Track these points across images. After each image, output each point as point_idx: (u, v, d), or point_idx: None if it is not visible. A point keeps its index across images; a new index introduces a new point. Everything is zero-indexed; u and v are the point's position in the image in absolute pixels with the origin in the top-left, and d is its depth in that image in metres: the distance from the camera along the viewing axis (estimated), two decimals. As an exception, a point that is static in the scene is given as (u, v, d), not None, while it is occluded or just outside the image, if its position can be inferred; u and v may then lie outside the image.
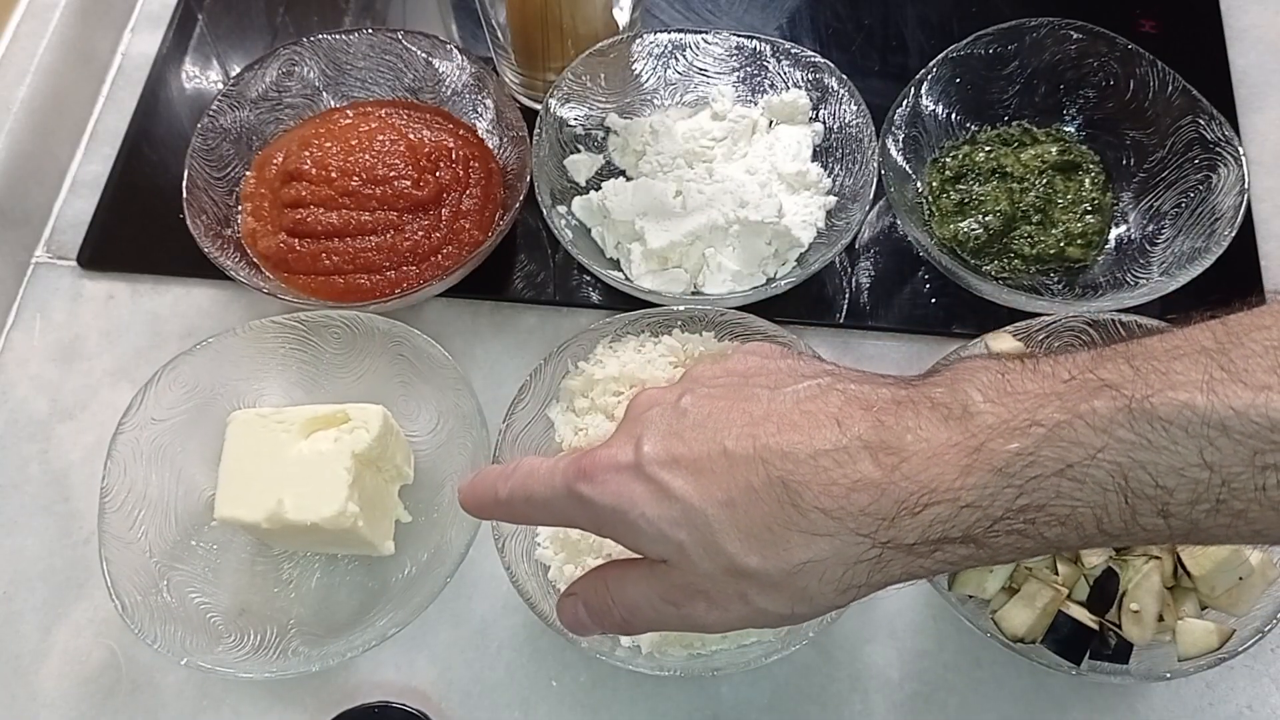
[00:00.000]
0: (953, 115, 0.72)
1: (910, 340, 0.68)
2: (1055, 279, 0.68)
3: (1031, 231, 0.68)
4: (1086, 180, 0.69)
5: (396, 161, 0.67)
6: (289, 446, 0.56)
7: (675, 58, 0.73)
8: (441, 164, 0.68)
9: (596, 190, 0.69)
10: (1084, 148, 0.71)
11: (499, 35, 0.71)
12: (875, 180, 0.65)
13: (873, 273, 0.70)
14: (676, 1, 0.81)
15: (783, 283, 0.63)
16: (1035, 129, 0.72)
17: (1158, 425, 0.32)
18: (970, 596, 0.54)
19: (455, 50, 0.71)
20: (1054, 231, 0.68)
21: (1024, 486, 0.33)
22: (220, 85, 0.78)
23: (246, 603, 0.59)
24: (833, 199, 0.69)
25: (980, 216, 0.68)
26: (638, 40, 0.72)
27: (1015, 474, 0.33)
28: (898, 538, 0.35)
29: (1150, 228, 0.68)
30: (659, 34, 0.72)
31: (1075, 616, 0.52)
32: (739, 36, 0.72)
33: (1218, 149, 0.65)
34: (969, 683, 0.58)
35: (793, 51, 0.70)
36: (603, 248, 0.69)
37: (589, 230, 0.70)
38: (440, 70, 0.72)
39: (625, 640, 0.55)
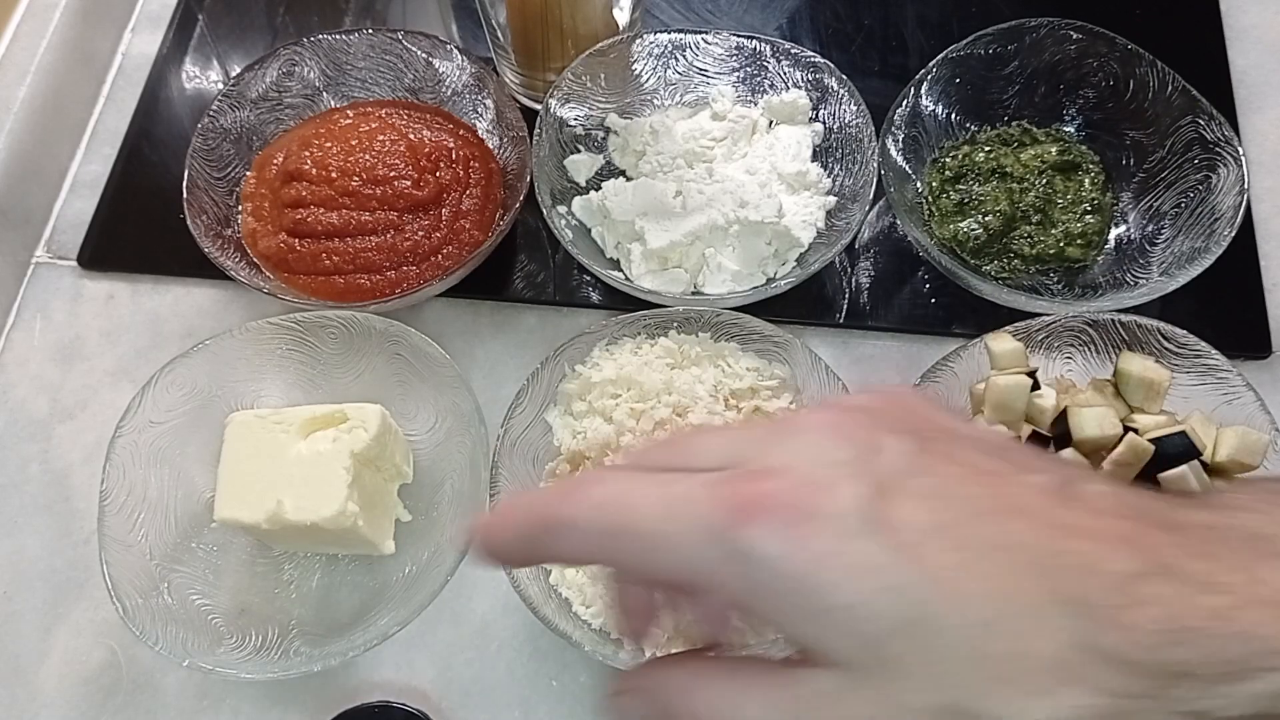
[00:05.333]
0: (953, 115, 0.72)
1: (910, 340, 0.68)
2: (1055, 279, 0.68)
3: (1031, 231, 0.68)
4: (1086, 180, 0.69)
5: (396, 161, 0.67)
6: (288, 447, 0.56)
7: (675, 58, 0.73)
8: (441, 164, 0.68)
9: (596, 190, 0.69)
10: (1084, 148, 0.71)
11: (499, 35, 0.71)
12: (875, 180, 0.65)
13: (872, 273, 0.70)
14: (676, 1, 0.81)
15: (783, 283, 0.63)
16: (1035, 129, 0.72)
17: None
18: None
19: (455, 50, 0.71)
20: (1054, 231, 0.68)
21: None
22: (220, 85, 0.78)
23: (247, 603, 0.59)
24: (832, 199, 0.69)
25: (980, 216, 0.68)
26: (638, 40, 0.72)
27: None
28: (1215, 710, 0.25)
29: (1150, 228, 0.68)
30: (659, 34, 0.72)
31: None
32: (739, 36, 0.72)
33: (1217, 149, 0.65)
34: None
35: (793, 51, 0.70)
36: (603, 248, 0.69)
37: (589, 230, 0.70)
38: (440, 70, 0.72)
39: (628, 644, 0.55)
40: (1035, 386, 0.55)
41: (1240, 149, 0.64)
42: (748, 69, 0.72)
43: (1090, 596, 0.25)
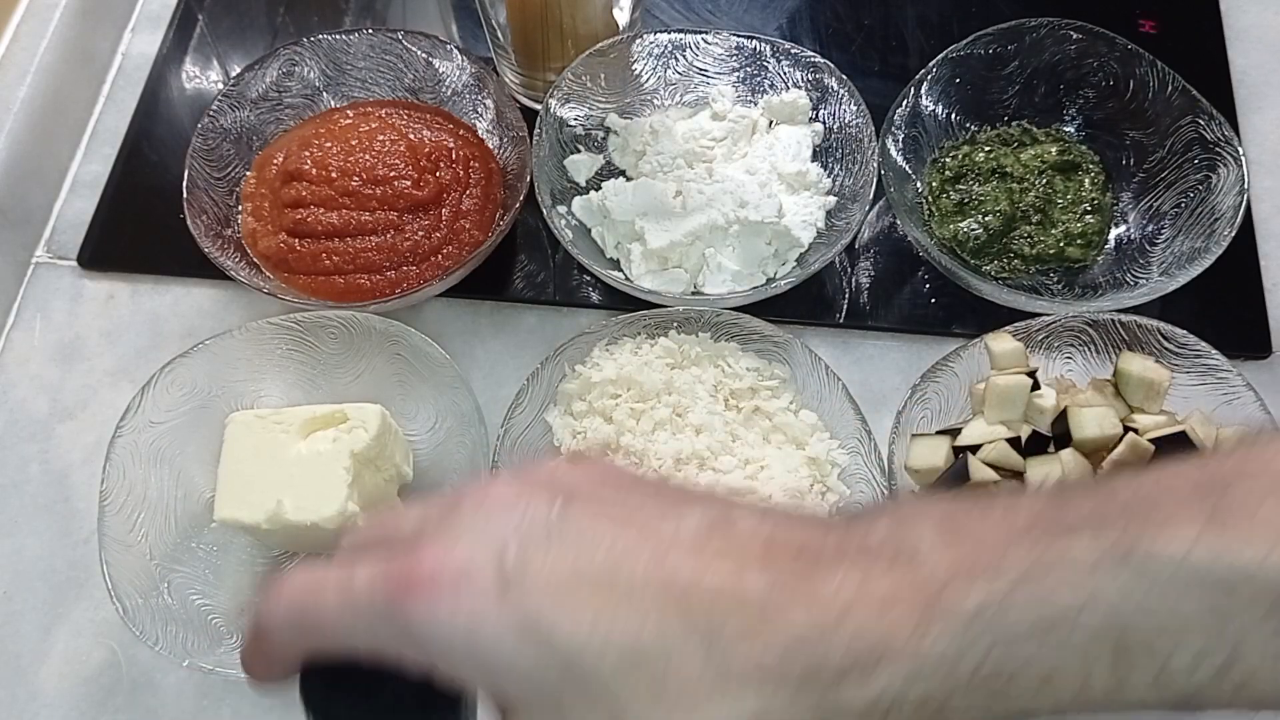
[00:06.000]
0: (953, 115, 0.72)
1: (910, 340, 0.68)
2: (1055, 279, 0.68)
3: (1031, 231, 0.68)
4: (1086, 180, 0.69)
5: (396, 161, 0.67)
6: (288, 447, 0.56)
7: (675, 58, 0.73)
8: (441, 164, 0.68)
9: (596, 190, 0.69)
10: (1084, 148, 0.71)
11: (499, 35, 0.71)
12: (875, 180, 0.65)
13: (873, 273, 0.70)
14: (676, 1, 0.81)
15: (783, 283, 0.63)
16: (1035, 129, 0.72)
17: (1150, 579, 0.27)
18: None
19: (455, 50, 0.71)
20: (1054, 231, 0.68)
21: (991, 650, 0.28)
22: (220, 85, 0.78)
23: (247, 603, 0.59)
24: (833, 199, 0.69)
25: (980, 216, 0.68)
26: (638, 40, 0.72)
27: (980, 633, 0.28)
28: (842, 707, 0.28)
29: (1150, 228, 0.68)
30: (659, 34, 0.72)
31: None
32: (739, 36, 0.72)
33: (1217, 149, 0.65)
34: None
35: (793, 51, 0.70)
36: (603, 248, 0.69)
37: (589, 230, 0.70)
38: (440, 70, 0.72)
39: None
40: (1035, 386, 0.55)
41: (1240, 149, 0.64)
42: (748, 69, 0.72)
43: (721, 624, 0.28)
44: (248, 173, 0.70)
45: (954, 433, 0.56)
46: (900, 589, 0.28)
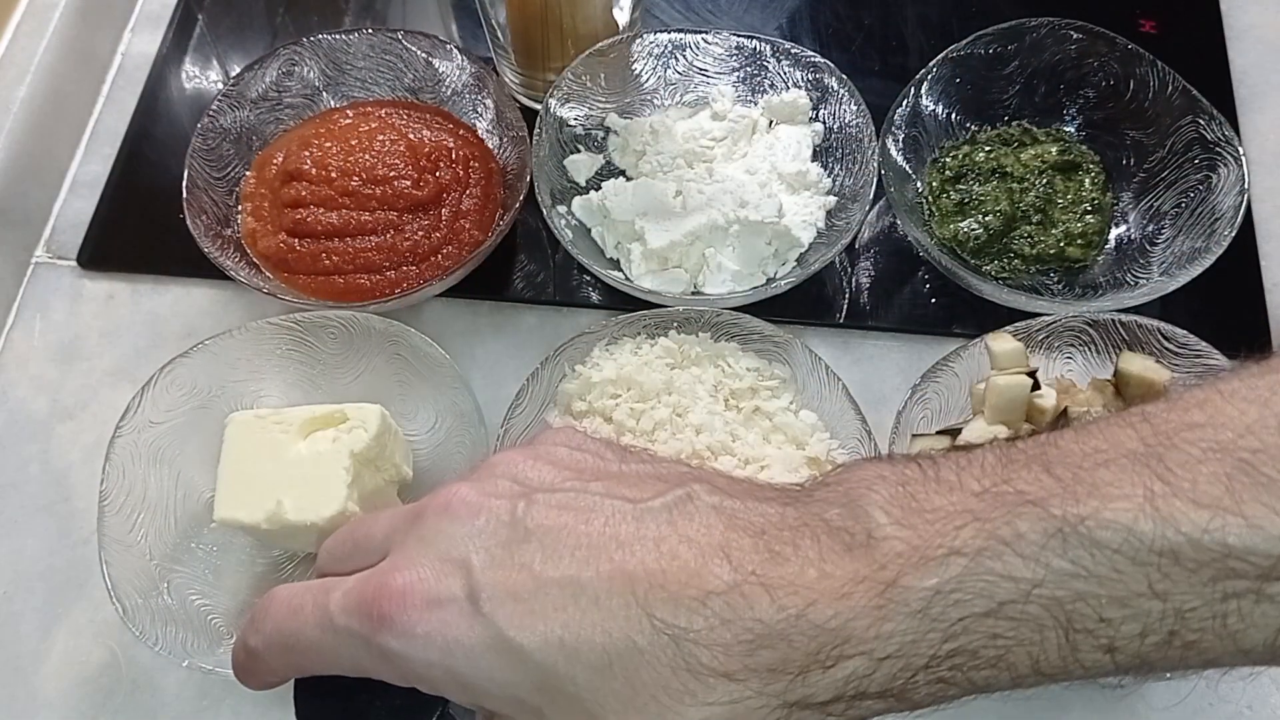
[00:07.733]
0: (953, 115, 0.72)
1: (910, 340, 0.68)
2: (1055, 279, 0.68)
3: (1031, 231, 0.68)
4: (1086, 180, 0.69)
5: (396, 161, 0.67)
6: (288, 447, 0.56)
7: (675, 58, 0.73)
8: (441, 164, 0.68)
9: (596, 190, 0.69)
10: (1084, 148, 0.71)
11: (499, 35, 0.71)
12: (875, 180, 0.65)
13: (873, 273, 0.70)
14: (676, 1, 0.81)
15: (783, 283, 0.63)
16: (1035, 129, 0.72)
17: (1098, 553, 0.28)
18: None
19: (455, 50, 0.71)
20: (1054, 231, 0.68)
21: (949, 630, 0.29)
22: (220, 85, 0.78)
23: (247, 604, 0.59)
24: (833, 199, 0.68)
25: (980, 216, 0.68)
26: (638, 40, 0.72)
27: (937, 616, 0.29)
28: (809, 697, 0.30)
29: (1150, 228, 0.68)
30: (659, 34, 0.72)
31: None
32: (739, 36, 0.72)
33: (1218, 149, 0.65)
34: (969, 683, 0.58)
35: (793, 51, 0.70)
36: (603, 248, 0.69)
37: (589, 230, 0.69)
38: (440, 70, 0.72)
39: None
40: (1035, 386, 0.55)
41: (1240, 149, 0.64)
42: (748, 69, 0.72)
43: (688, 623, 0.30)
44: (247, 173, 0.70)
45: (954, 433, 0.56)
46: (858, 574, 0.30)
